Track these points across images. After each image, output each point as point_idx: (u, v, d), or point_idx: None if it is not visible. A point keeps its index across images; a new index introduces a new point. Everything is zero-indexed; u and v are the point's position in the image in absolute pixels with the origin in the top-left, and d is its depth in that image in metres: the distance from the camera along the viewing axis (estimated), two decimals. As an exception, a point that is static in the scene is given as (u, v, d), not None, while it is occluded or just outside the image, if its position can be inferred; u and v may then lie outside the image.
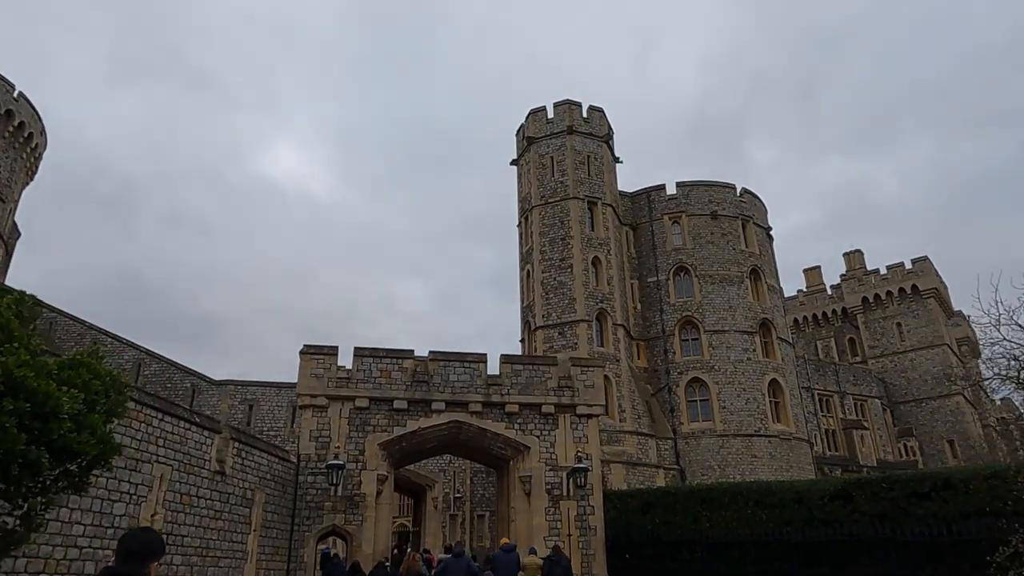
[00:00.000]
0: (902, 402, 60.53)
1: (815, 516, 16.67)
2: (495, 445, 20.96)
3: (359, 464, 19.40)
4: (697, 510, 18.71)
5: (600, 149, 43.00)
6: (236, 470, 15.64)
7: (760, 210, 45.95)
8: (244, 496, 15.91)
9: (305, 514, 18.66)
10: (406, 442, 20.24)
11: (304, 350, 20.15)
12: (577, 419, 21.22)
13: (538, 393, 21.06)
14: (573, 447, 20.72)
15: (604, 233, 40.51)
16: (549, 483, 20.35)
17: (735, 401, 38.36)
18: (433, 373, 20.55)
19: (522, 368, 21.40)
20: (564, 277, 38.65)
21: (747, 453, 36.96)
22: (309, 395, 19.74)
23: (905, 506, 15.47)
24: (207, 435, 14.52)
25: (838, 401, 54.98)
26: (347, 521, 18.73)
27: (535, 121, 43.54)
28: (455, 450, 23.97)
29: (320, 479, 18.80)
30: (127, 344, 37.30)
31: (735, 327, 40.24)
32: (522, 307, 41.48)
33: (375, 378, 20.22)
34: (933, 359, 59.93)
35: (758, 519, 17.46)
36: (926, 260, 63.36)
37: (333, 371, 20.06)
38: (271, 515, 17.30)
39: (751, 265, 42.56)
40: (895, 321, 63.08)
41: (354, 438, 19.67)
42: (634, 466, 35.09)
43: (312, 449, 19.36)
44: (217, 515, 14.69)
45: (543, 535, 19.66)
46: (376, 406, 20.04)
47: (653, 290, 42.49)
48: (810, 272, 73.19)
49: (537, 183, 41.75)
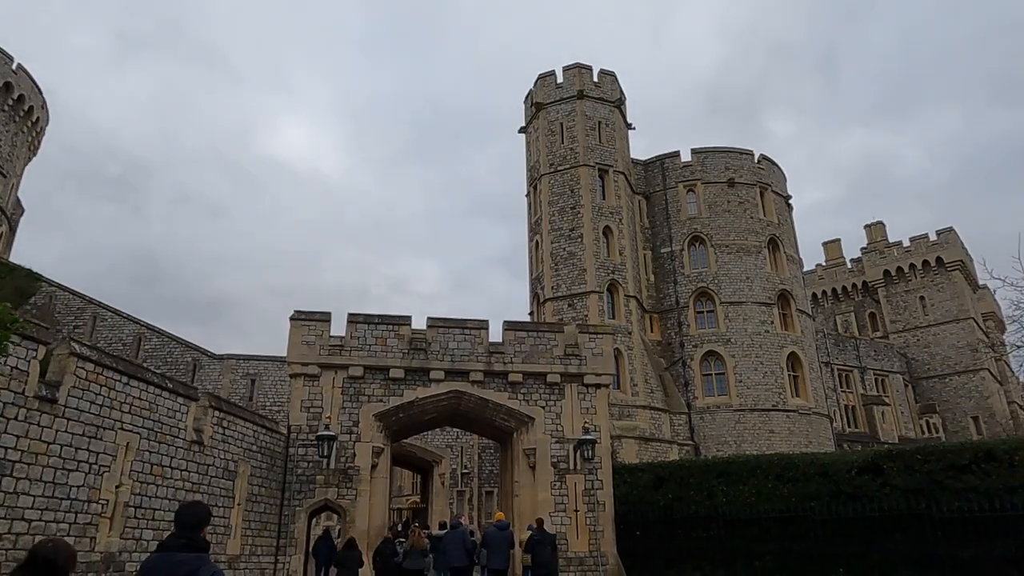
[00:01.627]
0: (924, 378, 58.81)
1: (842, 490, 15.38)
2: (497, 416, 19.80)
3: (353, 436, 18.32)
4: (713, 485, 17.48)
5: (612, 115, 41.31)
6: (216, 440, 14.58)
7: (779, 177, 44.11)
8: (226, 468, 14.87)
9: (296, 488, 17.64)
10: (403, 413, 19.13)
11: (294, 316, 19.01)
12: (585, 389, 19.97)
13: (543, 362, 19.81)
14: (580, 418, 19.51)
15: (616, 202, 38.98)
16: (555, 456, 19.19)
17: (752, 375, 36.96)
18: (431, 340, 19.36)
19: (526, 335, 20.14)
20: (574, 247, 37.26)
21: (764, 428, 35.64)
22: (300, 363, 18.63)
23: (942, 479, 14.13)
24: (182, 402, 13.43)
25: (858, 376, 53.40)
26: (340, 495, 17.69)
27: (544, 86, 41.88)
28: (456, 422, 22.85)
29: (312, 452, 17.76)
30: (127, 318, 36.52)
31: (752, 298, 38.71)
32: (531, 279, 40.20)
33: (370, 346, 19.06)
34: (958, 333, 58.03)
35: (779, 494, 16.19)
36: (951, 231, 61.15)
37: (325, 338, 18.92)
38: (258, 488, 16.29)
39: (769, 234, 40.89)
40: (918, 295, 61.11)
41: (348, 408, 18.57)
42: (647, 441, 33.92)
43: (303, 420, 18.30)
44: (195, 488, 13.65)
45: (548, 511, 18.51)
46: (371, 375, 18.91)
47: (667, 261, 40.98)
48: (830, 245, 71.14)
49: (546, 150, 40.21)
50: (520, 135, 44.50)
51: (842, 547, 14.95)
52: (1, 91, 43.83)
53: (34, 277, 36.48)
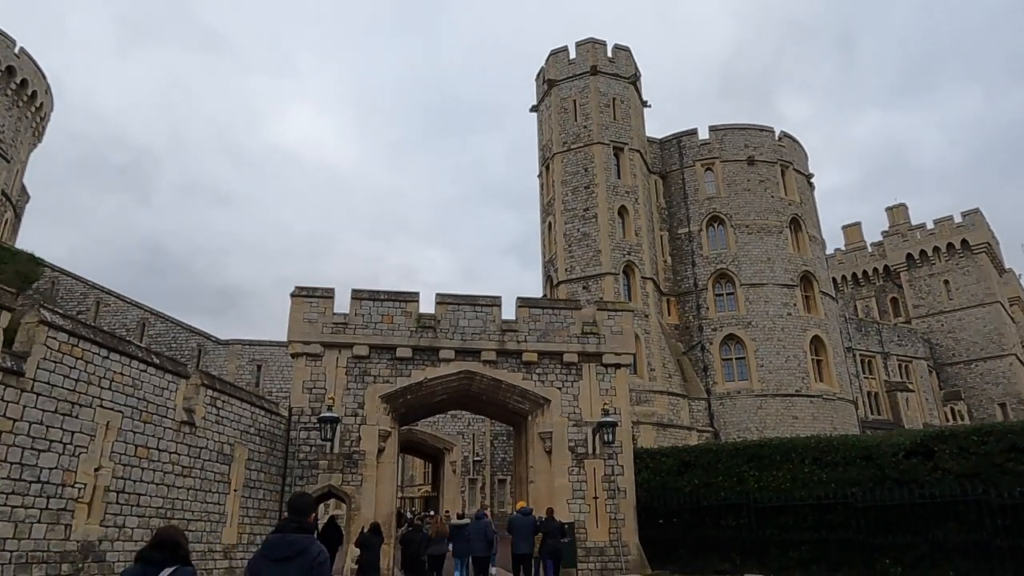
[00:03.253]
0: (949, 364, 57.10)
1: (887, 475, 14.12)
2: (511, 398, 18.68)
3: (358, 419, 17.26)
4: (743, 470, 16.27)
5: (627, 91, 39.89)
6: (210, 422, 13.56)
7: (801, 155, 42.54)
8: (221, 451, 13.85)
9: (298, 473, 16.60)
10: (411, 394, 18.04)
11: (296, 292, 17.93)
12: (603, 369, 18.79)
13: (559, 340, 18.64)
14: (599, 400, 18.33)
15: (631, 181, 37.64)
16: (572, 440, 18.04)
17: (774, 359, 35.63)
18: (441, 318, 18.23)
19: (541, 313, 18.96)
20: (588, 228, 36.01)
21: (787, 414, 34.34)
22: (302, 342, 17.57)
23: (1002, 463, 12.85)
24: (170, 379, 12.39)
25: (881, 362, 51.84)
26: (345, 482, 16.64)
27: (556, 63, 40.50)
28: (467, 404, 21.76)
29: (315, 435, 16.72)
30: (131, 304, 35.73)
31: (774, 280, 37.31)
32: (543, 261, 38.99)
33: (375, 323, 17.96)
34: (984, 318, 56.22)
35: (817, 479, 14.97)
36: (978, 212, 59.20)
37: (328, 315, 17.84)
38: (256, 473, 15.27)
39: (791, 214, 39.42)
40: (942, 278, 59.27)
41: (352, 390, 17.50)
42: (665, 427, 32.76)
43: (305, 402, 17.25)
44: (186, 472, 12.64)
45: (566, 498, 17.42)
46: (377, 354, 17.82)
47: (684, 242, 39.62)
48: (849, 229, 69.33)
49: (559, 128, 38.88)
50: (531, 117, 43.29)
51: (887, 536, 13.74)
52: (4, 75, 42.99)
53: (36, 262, 35.76)
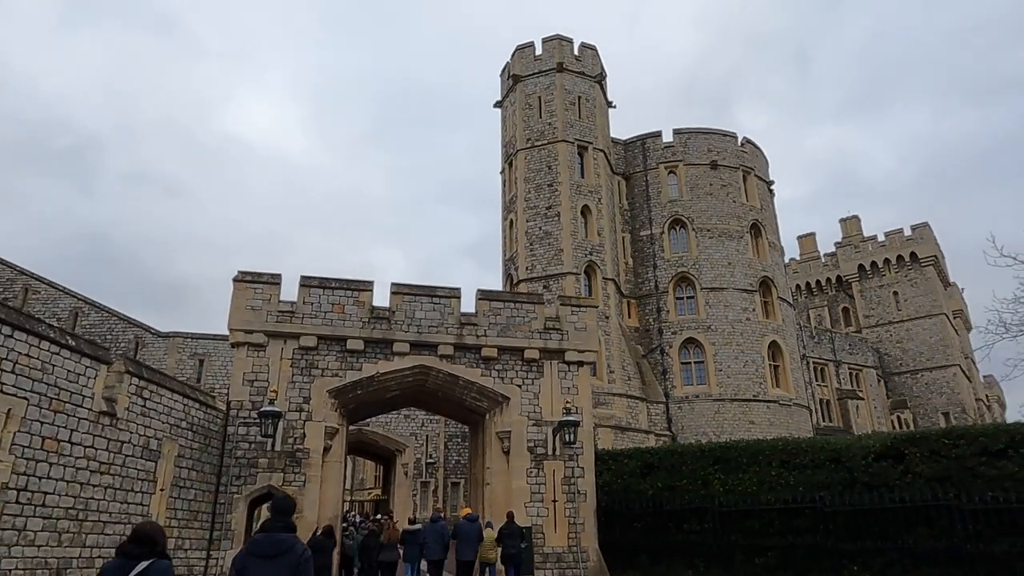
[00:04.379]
0: (896, 373, 58.41)
1: (856, 479, 13.67)
2: (468, 395, 17.71)
3: (303, 414, 16.04)
4: (708, 472, 15.66)
5: (592, 90, 39.43)
6: (134, 413, 12.22)
7: (762, 162, 42.81)
8: (146, 447, 12.51)
9: (235, 472, 15.29)
10: (362, 389, 16.90)
11: (239, 277, 16.62)
12: (566, 366, 18.01)
13: (520, 336, 17.78)
14: (561, 399, 17.53)
15: (595, 180, 37.14)
16: (532, 440, 17.18)
17: (732, 363, 35.52)
18: (396, 309, 17.16)
19: (502, 306, 18.07)
20: (550, 226, 35.33)
21: (744, 419, 34.23)
22: (243, 330, 16.26)
23: (973, 466, 12.49)
24: (88, 364, 11.06)
25: (833, 370, 52.62)
26: (286, 482, 15.38)
27: (522, 58, 39.79)
28: (421, 401, 20.67)
29: (254, 431, 15.44)
30: (63, 291, 33.45)
31: (734, 285, 37.28)
32: (504, 259, 38.14)
33: (325, 313, 16.78)
34: (931, 329, 57.72)
35: (784, 482, 14.44)
36: (926, 226, 60.87)
37: (274, 303, 16.58)
38: (188, 472, 13.94)
39: (752, 220, 39.53)
40: (892, 290, 60.70)
41: (298, 383, 16.28)
42: (623, 431, 32.21)
43: (246, 395, 15.95)
44: (104, 468, 11.30)
45: (524, 501, 16.54)
46: (326, 346, 16.65)
47: (646, 244, 39.32)
48: (804, 239, 70.56)
49: (523, 125, 38.15)
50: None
51: (856, 542, 13.25)
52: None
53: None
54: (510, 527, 14.87)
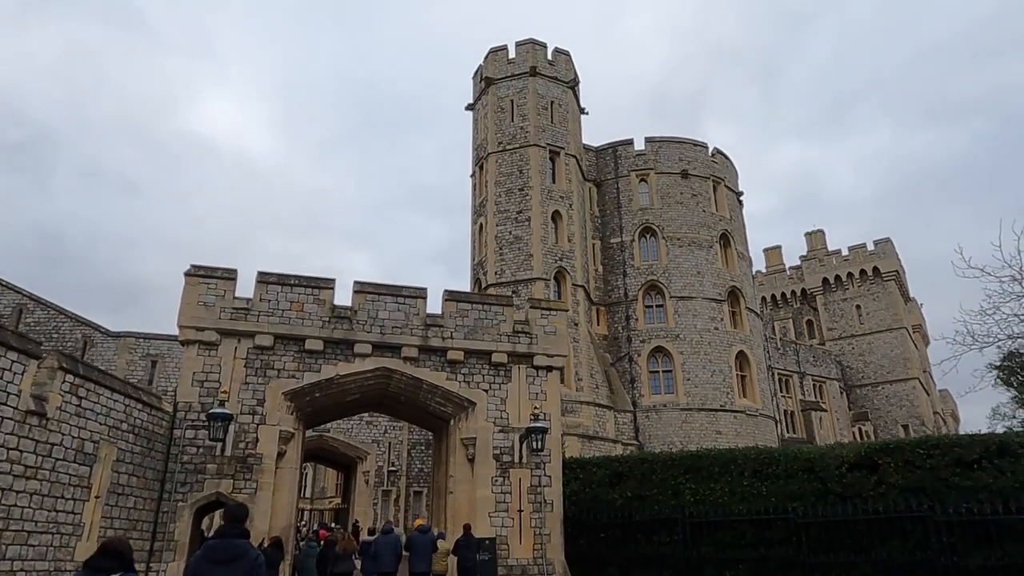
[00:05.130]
0: (858, 385, 59.23)
1: (830, 489, 13.35)
2: (433, 400, 17.00)
3: (257, 417, 15.14)
4: (679, 482, 15.21)
5: (565, 95, 39.17)
6: (68, 413, 11.26)
7: (732, 173, 43.03)
8: (80, 450, 11.54)
9: (180, 479, 14.32)
10: (320, 392, 16.07)
11: (191, 271, 15.69)
12: (534, 371, 17.42)
13: (488, 338, 17.15)
14: (528, 404, 16.93)
15: (566, 186, 36.81)
16: (498, 447, 16.53)
17: (700, 373, 35.37)
18: (358, 308, 16.39)
19: (470, 308, 17.43)
20: (520, 231, 34.83)
21: (711, 428, 34.06)
22: (194, 328, 15.34)
23: (947, 477, 12.26)
24: (15, 359, 10.10)
25: (797, 382, 53.05)
26: (236, 489, 14.45)
27: (495, 60, 39.37)
28: (384, 406, 19.84)
29: (203, 435, 14.50)
30: (7, 287, 31.73)
31: (703, 294, 37.22)
32: (472, 264, 37.49)
33: (283, 311, 15.93)
34: (892, 343, 58.70)
35: (756, 493, 14.06)
36: (888, 242, 62.05)
37: (229, 300, 15.68)
38: (128, 478, 12.96)
39: (721, 229, 39.61)
40: (855, 303, 61.66)
41: (252, 384, 15.38)
42: (590, 440, 31.73)
43: (195, 396, 15.00)
44: (30, 473, 10.33)
45: (488, 510, 15.86)
46: (283, 346, 15.79)
47: (616, 252, 39.08)
48: (770, 252, 71.40)
49: (495, 128, 37.66)
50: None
51: (829, 554, 12.90)
52: None
53: None
54: (467, 539, 14.43)
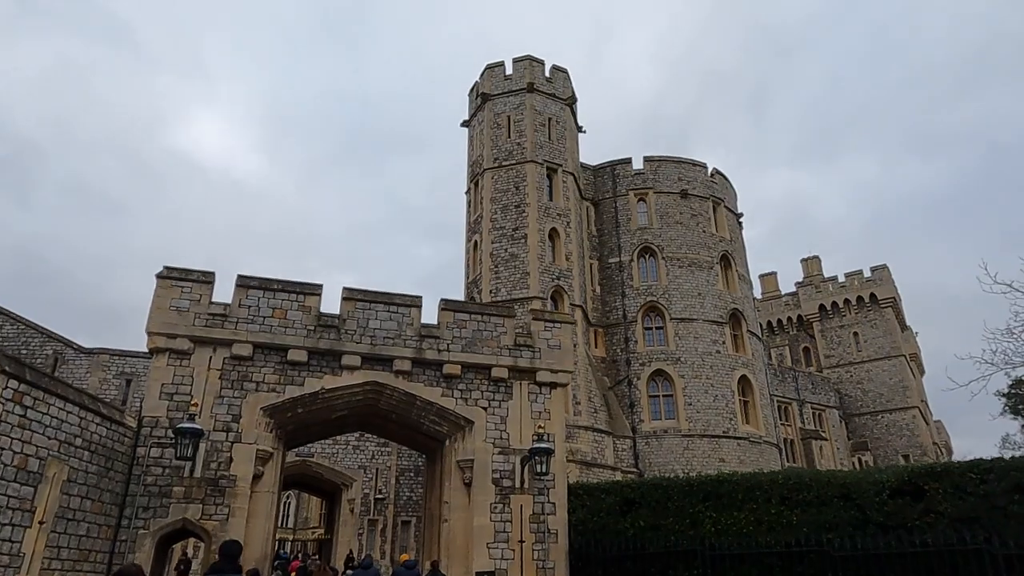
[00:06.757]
0: (857, 414, 58.01)
1: (870, 518, 12.02)
2: (426, 418, 15.58)
3: (231, 434, 13.66)
4: (698, 510, 13.82)
5: (563, 113, 38.42)
6: (9, 425, 9.80)
7: (731, 194, 42.24)
8: (23, 467, 10.05)
9: (143, 503, 12.75)
10: (303, 408, 14.62)
11: (164, 273, 14.34)
12: (537, 388, 16.07)
13: (488, 352, 15.82)
14: (531, 424, 15.55)
15: (564, 203, 35.80)
16: (498, 471, 15.10)
17: (702, 398, 34.03)
18: (347, 317, 15.05)
19: (468, 319, 16.12)
20: (517, 249, 33.68)
21: (714, 456, 32.60)
22: (165, 335, 13.93)
23: (1004, 505, 10.98)
24: (-54, 358, 8.70)
25: (797, 410, 51.75)
26: (205, 515, 12.90)
27: (491, 77, 38.63)
28: (373, 425, 18.32)
29: (171, 454, 12.99)
30: (-25, 299, 30.08)
31: (704, 316, 36.06)
32: (466, 282, 36.22)
33: (264, 318, 14.56)
34: (890, 370, 57.69)
35: (786, 522, 12.69)
36: (885, 268, 61.45)
37: (204, 305, 14.31)
38: (80, 501, 11.42)
39: (722, 250, 38.64)
40: (852, 330, 60.77)
41: (227, 398, 13.93)
42: (589, 467, 30.22)
43: (163, 411, 13.52)
44: (-41, 493, 8.85)
45: (486, 541, 14.36)
46: (263, 356, 14.38)
47: (615, 272, 37.95)
48: (766, 278, 70.63)
49: (491, 144, 36.73)
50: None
51: (869, 592, 11.52)
52: None
53: None
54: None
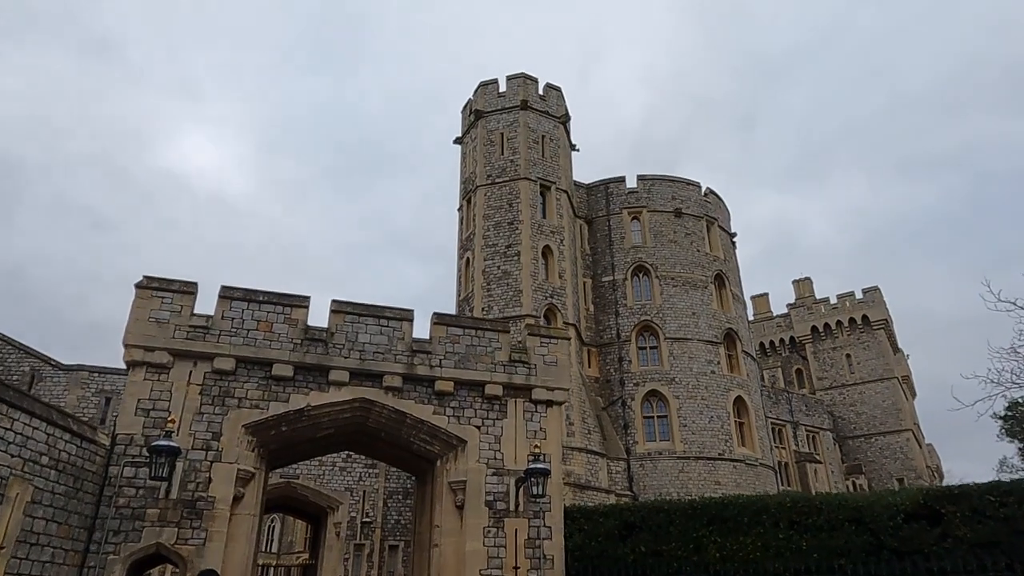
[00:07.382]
0: (850, 437, 57.54)
1: (884, 544, 11.43)
2: (417, 437, 14.90)
3: (211, 453, 12.93)
4: (702, 535, 13.17)
5: (556, 130, 38.25)
6: (-32, 440, 9.09)
7: (724, 213, 42.07)
8: (-18, 487, 9.32)
9: (113, 526, 11.95)
10: (287, 426, 13.92)
11: (143, 283, 13.67)
12: (533, 406, 15.45)
13: (481, 368, 15.21)
14: (526, 444, 14.92)
15: (557, 221, 35.43)
16: (491, 493, 14.41)
17: (697, 419, 33.44)
18: (335, 330, 14.42)
19: (461, 333, 15.53)
20: (509, 266, 33.19)
21: (710, 479, 31.92)
22: (143, 347, 13.20)
23: (1027, 529, 10.42)
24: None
25: (791, 432, 51.20)
26: (181, 539, 12.12)
27: (485, 94, 38.45)
28: (361, 444, 17.57)
29: (145, 473, 12.23)
30: (-49, 314, 29.16)
31: (698, 336, 35.60)
32: (458, 300, 35.64)
33: (249, 331, 13.90)
34: (883, 393, 57.38)
35: (795, 547, 12.07)
36: (876, 290, 61.45)
37: (186, 317, 13.64)
38: (46, 524, 10.64)
39: (716, 270, 38.32)
40: (844, 352, 60.54)
41: (207, 415, 13.20)
42: (582, 490, 29.46)
43: (138, 428, 12.76)
44: (-93, 515, 8.10)
45: (479, 567, 13.63)
46: (246, 370, 13.70)
47: (608, 291, 37.51)
48: (758, 299, 70.48)
49: (484, 160, 36.42)
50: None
51: (885, 622, 10.90)
52: None
53: None
54: None
